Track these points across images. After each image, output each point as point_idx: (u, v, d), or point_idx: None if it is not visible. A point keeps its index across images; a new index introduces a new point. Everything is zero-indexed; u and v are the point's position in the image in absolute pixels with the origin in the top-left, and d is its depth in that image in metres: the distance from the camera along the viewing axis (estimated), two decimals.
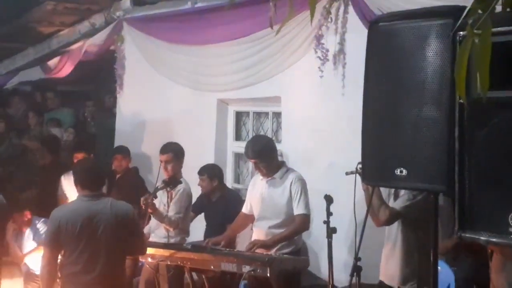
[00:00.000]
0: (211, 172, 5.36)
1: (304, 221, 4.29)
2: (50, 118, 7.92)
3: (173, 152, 4.86)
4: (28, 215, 5.30)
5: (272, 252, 4.27)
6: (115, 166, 6.16)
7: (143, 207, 4.44)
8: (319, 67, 4.95)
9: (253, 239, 4.46)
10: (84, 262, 3.59)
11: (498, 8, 1.51)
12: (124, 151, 6.20)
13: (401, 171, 2.54)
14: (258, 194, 4.47)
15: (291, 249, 4.34)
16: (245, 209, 4.64)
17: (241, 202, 5.17)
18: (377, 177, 2.70)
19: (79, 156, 5.86)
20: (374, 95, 2.66)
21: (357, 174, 3.36)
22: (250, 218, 4.60)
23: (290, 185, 4.29)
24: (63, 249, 3.65)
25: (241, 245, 5.07)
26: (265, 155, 4.33)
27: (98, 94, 8.13)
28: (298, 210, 4.26)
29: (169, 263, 4.46)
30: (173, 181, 4.67)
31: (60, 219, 3.60)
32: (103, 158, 6.28)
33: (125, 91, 7.08)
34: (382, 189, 3.57)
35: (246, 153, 4.40)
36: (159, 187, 4.60)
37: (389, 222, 3.55)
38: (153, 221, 4.84)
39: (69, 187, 5.68)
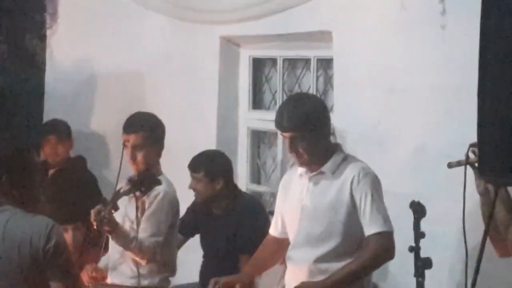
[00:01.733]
0: (211, 167, 5.40)
1: (386, 244, 4.30)
2: None
3: (146, 131, 4.93)
4: None
5: None
6: (47, 154, 6.22)
7: (95, 226, 4.49)
8: None
9: (287, 280, 4.52)
10: None
11: None
12: (61, 130, 6.22)
13: None
14: (294, 202, 4.52)
15: None
16: (274, 230, 4.71)
17: (265, 216, 5.33)
18: (506, 171, 2.69)
19: None
20: (498, 30, 2.65)
21: (469, 166, 3.40)
22: (284, 245, 4.67)
23: (351, 185, 4.34)
24: None
25: None
26: (312, 127, 4.37)
27: (12, 31, 8.02)
28: (372, 227, 4.29)
29: None
30: (146, 180, 4.72)
31: None
32: (23, 141, 6.10)
33: (61, 27, 7.14)
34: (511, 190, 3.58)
35: (278, 122, 4.43)
36: (122, 191, 4.65)
37: None
38: (113, 250, 4.90)
39: None
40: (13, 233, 3.54)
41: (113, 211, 4.55)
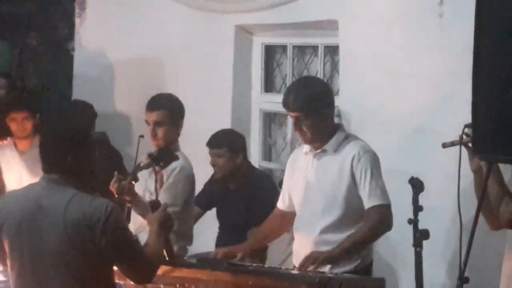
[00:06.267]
0: (233, 142, 5.45)
1: (384, 216, 4.30)
2: None
3: (168, 109, 4.88)
4: None
5: (326, 269, 4.25)
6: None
7: (115, 194, 4.45)
8: None
9: (295, 249, 4.52)
10: (27, 286, 3.48)
11: None
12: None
13: None
14: (300, 178, 4.52)
15: (356, 264, 4.36)
16: (281, 204, 4.69)
17: (275, 191, 5.28)
18: (498, 149, 2.67)
19: (17, 117, 5.88)
20: (493, 19, 2.63)
21: (463, 145, 3.37)
22: (289, 218, 4.67)
23: (352, 162, 4.34)
24: (7, 257, 3.56)
25: (275, 256, 5.20)
26: (315, 108, 4.36)
27: (46, 19, 8.04)
28: (371, 199, 4.29)
29: (162, 287, 4.26)
30: (165, 155, 4.63)
31: (1, 211, 3.54)
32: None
33: (88, 15, 7.17)
34: (503, 169, 3.56)
35: (285, 102, 4.43)
36: (142, 165, 4.60)
37: None
38: (135, 220, 4.84)
39: (6, 166, 5.88)
40: (74, 208, 3.38)
41: (133, 182, 4.51)
